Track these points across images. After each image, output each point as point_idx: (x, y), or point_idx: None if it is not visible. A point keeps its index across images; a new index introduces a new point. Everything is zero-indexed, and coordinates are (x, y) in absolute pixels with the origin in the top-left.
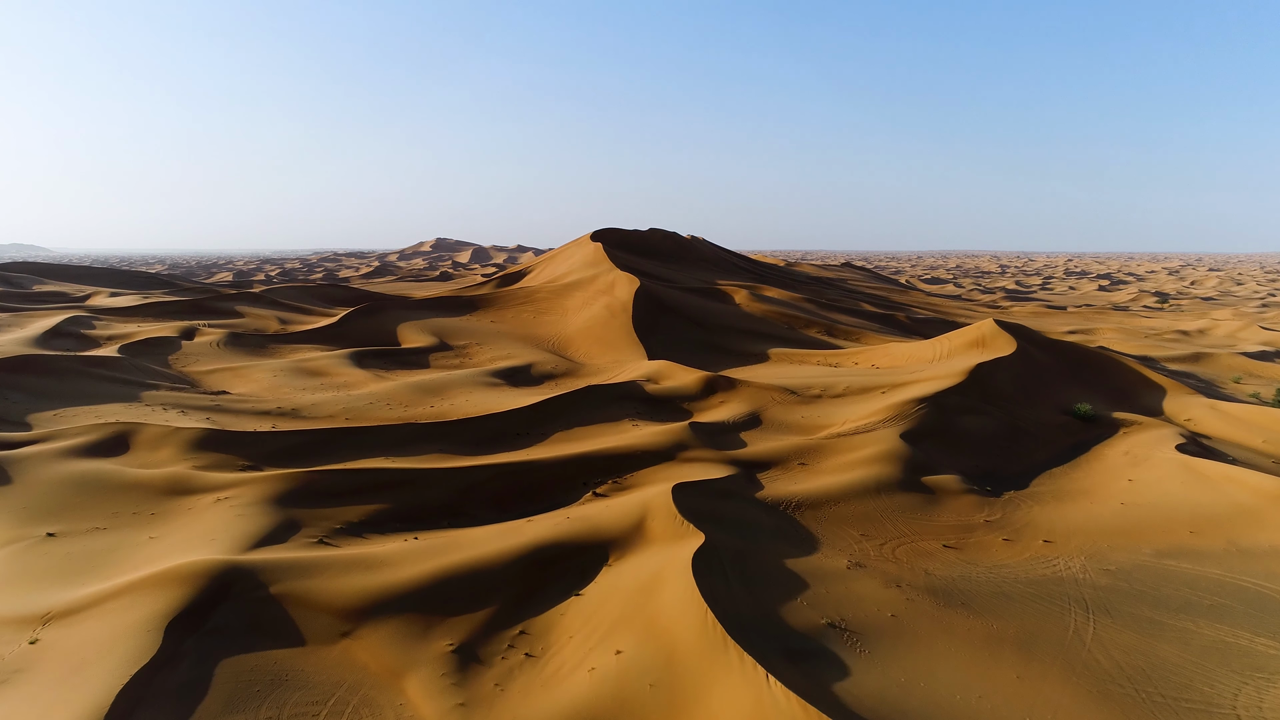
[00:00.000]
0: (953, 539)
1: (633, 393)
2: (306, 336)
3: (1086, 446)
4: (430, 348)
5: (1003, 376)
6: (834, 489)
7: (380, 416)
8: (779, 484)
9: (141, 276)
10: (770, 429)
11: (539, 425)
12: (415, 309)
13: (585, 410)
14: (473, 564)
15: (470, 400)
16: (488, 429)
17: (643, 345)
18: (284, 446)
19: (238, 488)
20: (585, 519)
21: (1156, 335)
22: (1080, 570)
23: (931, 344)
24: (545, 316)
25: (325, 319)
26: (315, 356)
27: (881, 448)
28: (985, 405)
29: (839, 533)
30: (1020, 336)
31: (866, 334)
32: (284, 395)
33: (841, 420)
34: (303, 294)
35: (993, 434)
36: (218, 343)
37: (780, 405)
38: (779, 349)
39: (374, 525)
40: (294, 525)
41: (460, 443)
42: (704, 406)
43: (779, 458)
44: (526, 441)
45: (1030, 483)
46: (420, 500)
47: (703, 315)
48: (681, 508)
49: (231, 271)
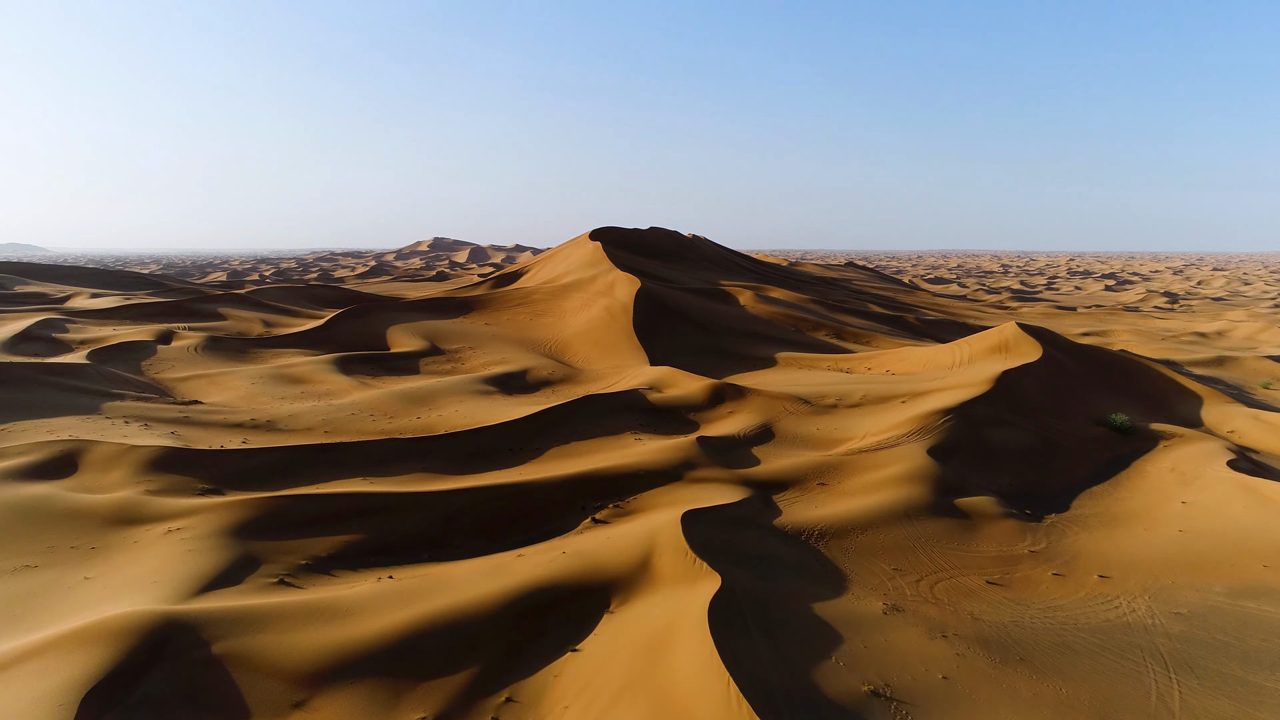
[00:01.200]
0: (996, 573)
1: (634, 403)
2: (290, 340)
3: (1126, 462)
4: (421, 352)
5: (1030, 384)
6: (859, 514)
7: (362, 429)
8: (798, 508)
9: (130, 277)
10: (784, 443)
11: (533, 440)
12: (406, 311)
13: (583, 422)
14: (453, 613)
15: (460, 410)
16: (477, 444)
17: (644, 349)
18: (251, 466)
19: (193, 516)
20: (583, 554)
21: (1174, 337)
22: (1147, 614)
23: (950, 349)
24: (542, 319)
25: (312, 321)
26: (297, 362)
27: (908, 465)
28: (1014, 416)
29: (869, 567)
30: (1045, 341)
31: (876, 337)
32: (260, 405)
33: (861, 433)
34: (290, 295)
35: (1025, 448)
36: (195, 347)
37: (793, 416)
38: (786, 353)
39: (344, 560)
40: (252, 562)
41: (447, 460)
42: (711, 417)
43: (796, 477)
44: (519, 458)
45: (1071, 504)
46: (398, 530)
47: (706, 317)
48: (692, 541)
49: (226, 271)
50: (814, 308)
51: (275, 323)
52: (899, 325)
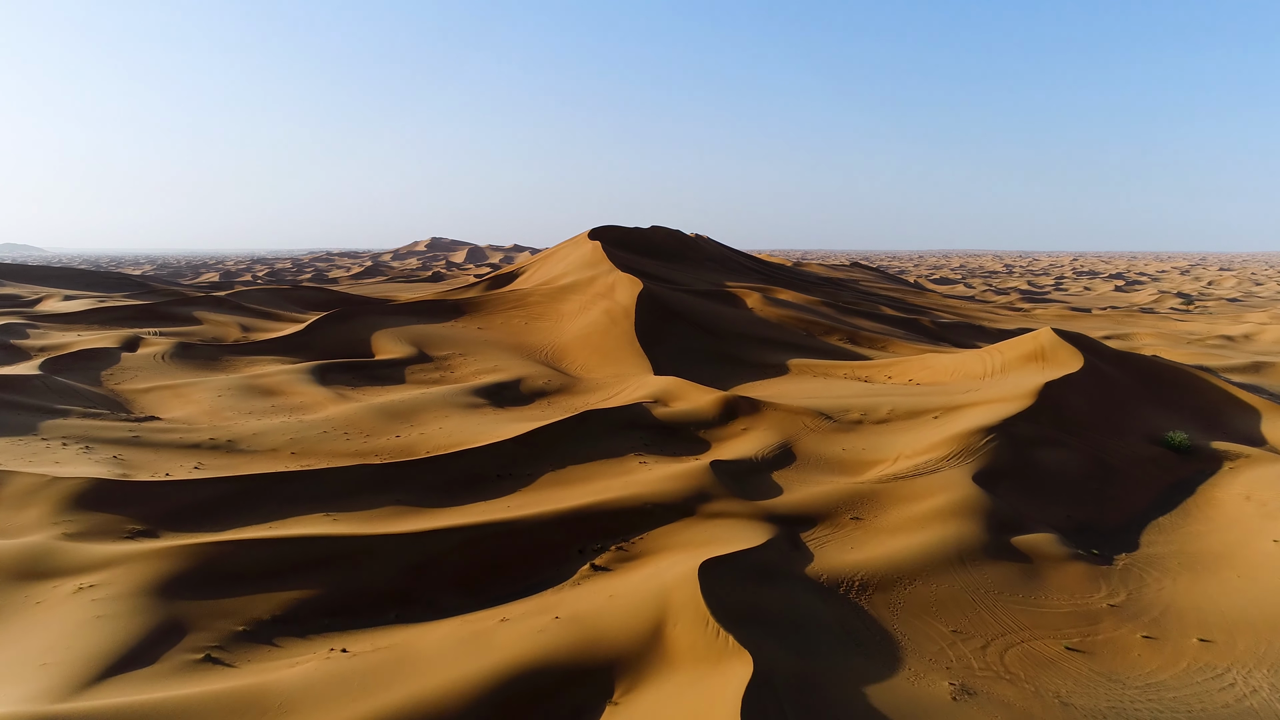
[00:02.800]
0: (1075, 635)
1: (638, 418)
2: (267, 347)
3: (1190, 487)
4: (407, 359)
5: (1075, 398)
6: (905, 559)
7: (333, 450)
8: (832, 551)
9: (113, 278)
10: (807, 467)
11: (524, 463)
12: (394, 314)
13: (581, 442)
14: (417, 707)
15: (445, 428)
16: (460, 469)
17: (647, 356)
18: (195, 501)
19: (113, 568)
20: (581, 620)
21: (1200, 341)
22: (1273, 693)
23: (979, 356)
24: (538, 323)
25: (292, 326)
26: (271, 371)
27: (953, 496)
28: (1062, 435)
29: (924, 629)
30: (1084, 348)
31: (892, 341)
32: (224, 421)
33: (893, 455)
34: (274, 297)
35: (1078, 472)
36: (163, 355)
37: (815, 434)
38: (799, 359)
39: (292, 624)
40: (175, 630)
41: (424, 489)
42: (723, 435)
43: (825, 509)
44: (508, 485)
45: (1140, 540)
46: (361, 582)
47: (713, 321)
48: (713, 603)
49: (219, 272)
50: (825, 310)
51: (254, 327)
52: (914, 329)
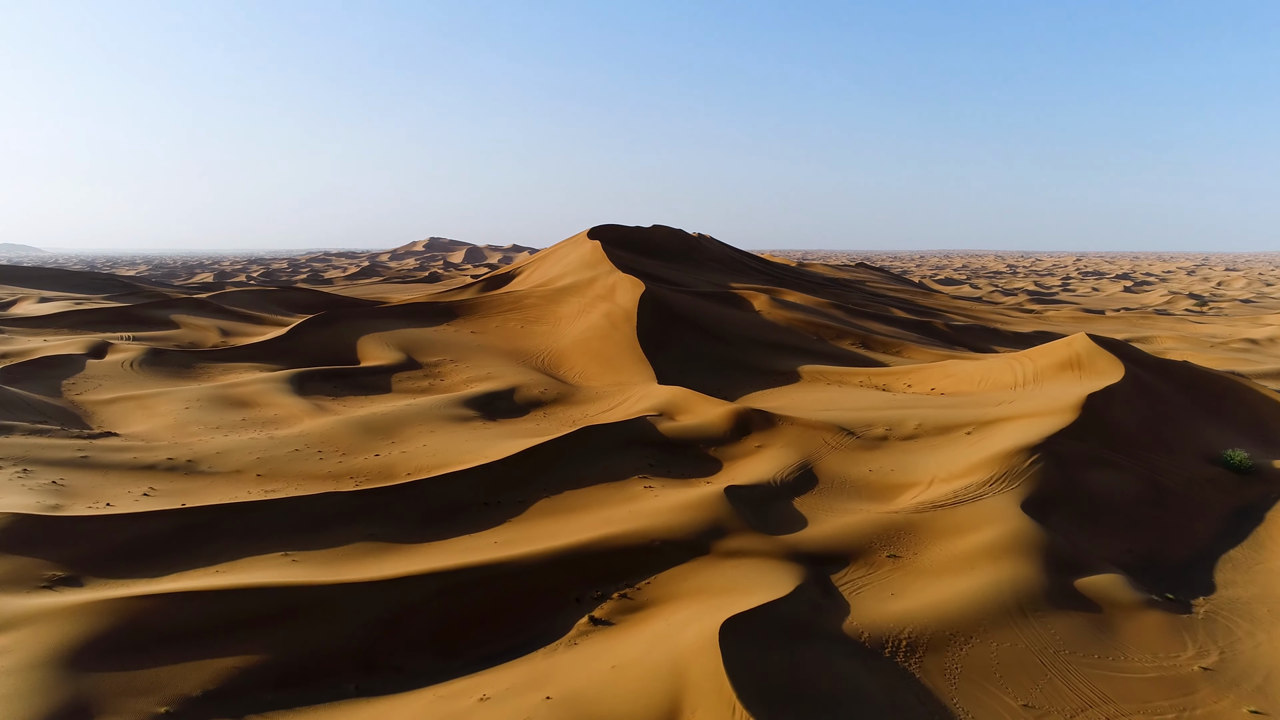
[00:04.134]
0: (1169, 711)
1: (642, 434)
2: (245, 353)
3: (1258, 514)
4: (394, 366)
5: (1121, 411)
6: (956, 609)
7: (303, 473)
8: (870, 599)
9: (100, 279)
10: (831, 491)
11: (514, 489)
12: (383, 318)
13: (580, 463)
14: None
15: (429, 444)
16: (442, 496)
17: (650, 363)
18: (134, 538)
19: (19, 630)
20: (576, 702)
21: (1223, 345)
22: None
23: (1008, 364)
24: (534, 326)
25: (275, 330)
26: (246, 380)
27: (1002, 529)
28: (1111, 454)
29: (989, 704)
30: (1123, 356)
31: (907, 346)
32: (187, 437)
33: (927, 477)
34: (259, 299)
35: (1132, 496)
36: (132, 362)
37: (837, 452)
38: (810, 365)
39: (226, 702)
40: (80, 716)
41: (401, 521)
42: (736, 453)
43: (858, 545)
44: (495, 515)
45: (1215, 578)
46: (317, 642)
47: (719, 325)
48: (740, 679)
49: (214, 272)
50: (835, 313)
51: (235, 331)
52: (927, 332)
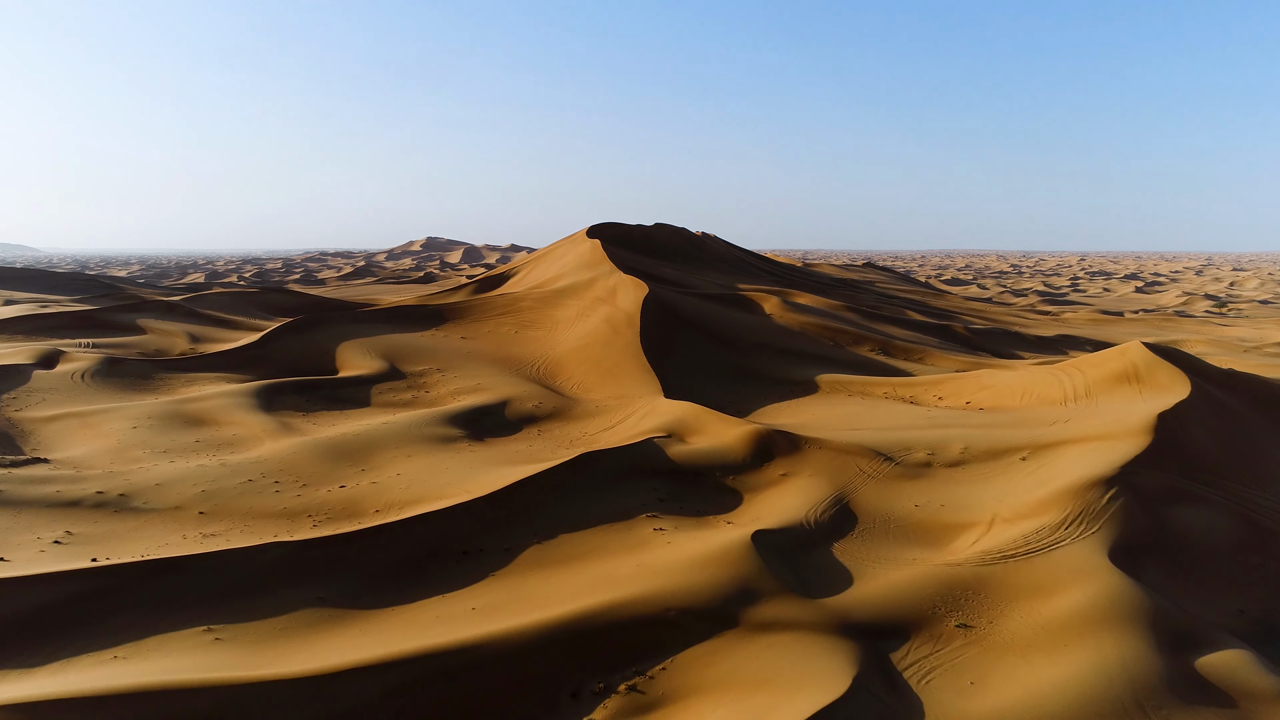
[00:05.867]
0: None
1: (649, 461)
2: (213, 362)
3: None
4: (375, 376)
5: (1197, 433)
6: (1059, 709)
7: (252, 509)
8: (945, 690)
9: (80, 279)
10: (875, 533)
11: (500, 532)
12: (366, 322)
13: (577, 498)
14: None
15: (405, 472)
16: (413, 543)
17: (655, 373)
18: (19, 610)
19: None
20: None
21: (1257, 349)
22: None
23: (1052, 375)
24: (529, 331)
25: (249, 335)
26: (207, 394)
27: (1094, 591)
28: (1195, 486)
29: None
30: (1185, 367)
31: (929, 352)
32: (127, 464)
33: (985, 515)
34: (238, 302)
35: (1229, 540)
36: (84, 373)
37: (875, 482)
38: (829, 375)
39: None
40: None
41: (359, 579)
42: (758, 483)
43: (918, 610)
44: (474, 568)
45: None
46: None
47: (729, 330)
48: None
49: (207, 272)
50: (850, 316)
51: (206, 337)
52: (946, 336)
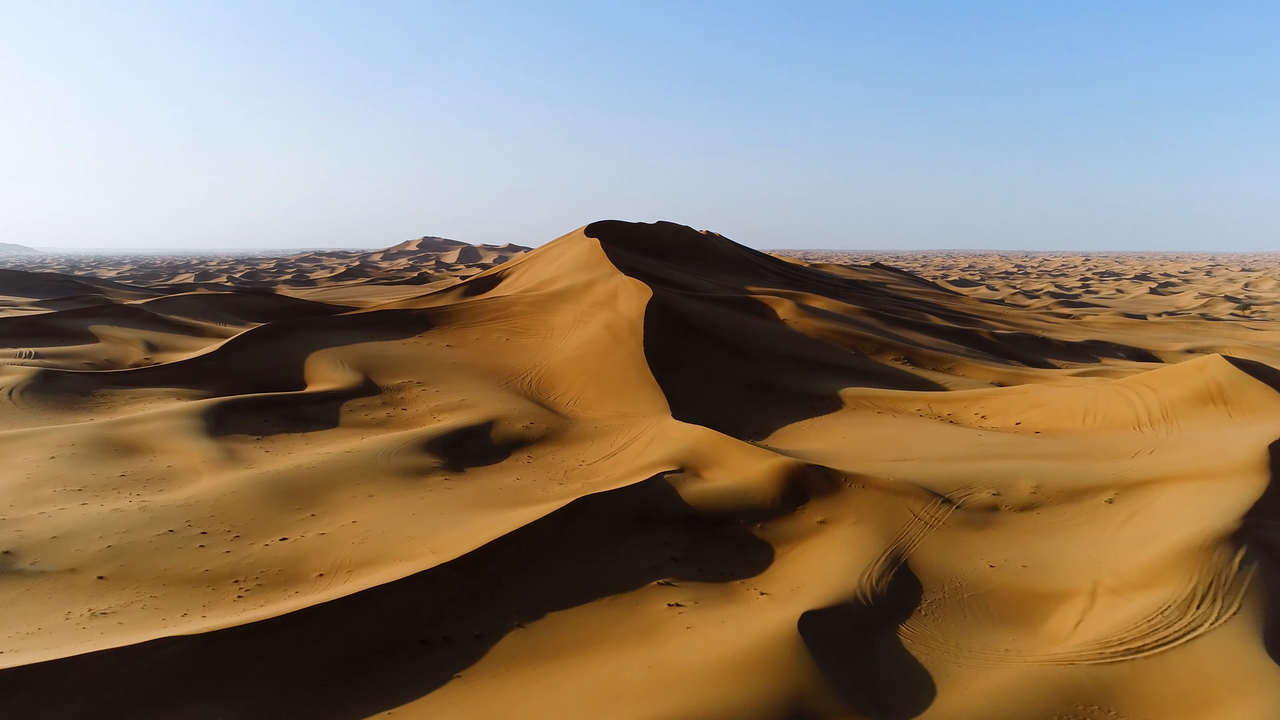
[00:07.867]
0: None
1: (660, 504)
2: (162, 375)
3: None
4: (347, 391)
5: None
6: None
7: (166, 571)
8: None
9: (55, 280)
10: (947, 608)
11: (472, 610)
12: (343, 328)
13: (571, 559)
14: None
15: (364, 518)
16: (359, 629)
17: (661, 388)
18: None
19: None
20: None
21: None
22: None
23: (1118, 392)
24: (522, 339)
25: (211, 344)
26: (148, 415)
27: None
28: None
29: None
30: (1274, 383)
31: (958, 361)
32: (29, 507)
33: (1085, 582)
34: (209, 306)
35: None
36: (14, 390)
37: (935, 533)
38: (854, 388)
39: None
40: None
41: (280, 689)
42: (792, 533)
43: None
44: (434, 671)
45: None
46: None
47: (740, 338)
48: None
49: (198, 272)
50: (869, 321)
51: (165, 345)
52: (971, 342)
